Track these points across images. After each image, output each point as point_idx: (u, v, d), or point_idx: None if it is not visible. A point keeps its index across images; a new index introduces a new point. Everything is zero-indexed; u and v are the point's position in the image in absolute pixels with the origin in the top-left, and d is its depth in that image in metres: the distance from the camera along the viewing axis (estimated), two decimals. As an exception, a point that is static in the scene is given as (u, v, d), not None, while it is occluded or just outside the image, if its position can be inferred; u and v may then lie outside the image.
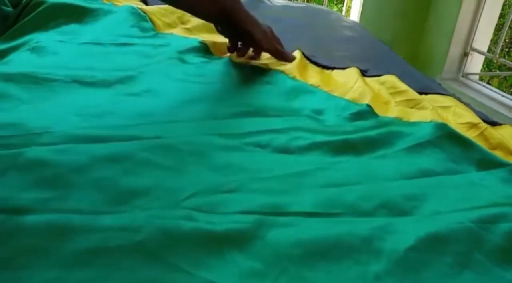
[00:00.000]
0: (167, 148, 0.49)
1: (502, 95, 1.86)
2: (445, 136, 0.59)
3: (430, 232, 0.41)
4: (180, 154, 0.49)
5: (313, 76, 0.80)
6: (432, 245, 0.40)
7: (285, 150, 0.54)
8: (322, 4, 2.10)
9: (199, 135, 0.54)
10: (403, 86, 0.78)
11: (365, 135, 0.59)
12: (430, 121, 0.62)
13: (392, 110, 0.70)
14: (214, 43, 0.89)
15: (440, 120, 0.62)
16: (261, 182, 0.47)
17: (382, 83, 0.81)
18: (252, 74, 0.78)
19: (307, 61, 0.87)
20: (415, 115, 0.66)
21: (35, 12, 0.89)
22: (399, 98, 0.75)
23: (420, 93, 0.78)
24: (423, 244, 0.40)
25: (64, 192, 0.40)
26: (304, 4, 1.49)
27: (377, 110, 0.68)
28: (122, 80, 0.66)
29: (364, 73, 0.85)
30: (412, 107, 0.72)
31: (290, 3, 1.43)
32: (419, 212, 0.45)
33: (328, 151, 0.55)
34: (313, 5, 1.55)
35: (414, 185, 0.50)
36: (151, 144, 0.50)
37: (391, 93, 0.77)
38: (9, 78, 0.61)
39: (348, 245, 0.39)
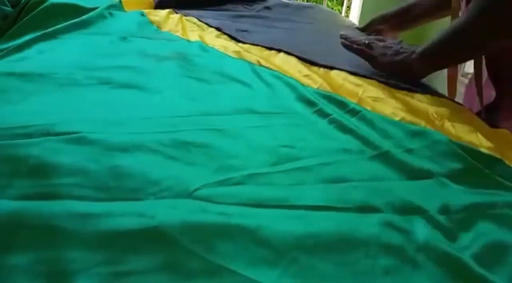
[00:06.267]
0: (174, 140, 0.50)
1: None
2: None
3: (439, 232, 0.43)
4: (187, 146, 0.50)
5: (302, 72, 0.81)
6: (441, 245, 0.41)
7: (288, 145, 0.55)
8: (322, 4, 2.11)
9: (203, 130, 0.55)
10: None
11: (367, 133, 0.60)
12: (430, 129, 0.63)
13: (393, 112, 0.70)
14: (216, 45, 0.89)
15: (439, 131, 0.63)
16: (268, 176, 0.48)
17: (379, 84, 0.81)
18: (253, 74, 0.78)
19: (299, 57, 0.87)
20: (410, 116, 0.67)
21: (34, 11, 0.89)
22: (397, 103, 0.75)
23: (414, 91, 0.78)
24: (432, 243, 0.41)
25: (81, 179, 0.41)
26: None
27: (377, 109, 0.68)
28: (122, 79, 0.67)
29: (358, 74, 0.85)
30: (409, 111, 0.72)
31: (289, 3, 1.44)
32: (427, 211, 0.46)
33: (331, 147, 0.56)
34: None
35: (421, 185, 0.51)
36: (157, 137, 0.51)
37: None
38: (8, 75, 0.61)
39: (357, 238, 0.40)
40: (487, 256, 0.41)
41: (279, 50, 0.90)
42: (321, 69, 0.85)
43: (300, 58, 0.86)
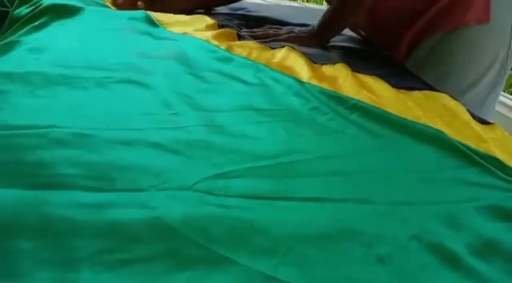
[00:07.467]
0: (175, 136, 0.52)
1: (502, 95, 1.87)
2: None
3: (433, 222, 0.44)
4: (187, 141, 0.51)
5: (304, 70, 0.81)
6: (435, 235, 0.42)
7: (287, 140, 0.57)
8: (322, 4, 2.12)
9: (204, 126, 0.56)
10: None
11: (366, 129, 0.61)
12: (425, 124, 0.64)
13: (394, 108, 0.71)
14: (227, 45, 0.90)
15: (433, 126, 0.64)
16: (266, 169, 0.49)
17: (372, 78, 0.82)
18: (254, 72, 0.78)
19: (299, 55, 0.88)
20: (410, 114, 0.67)
21: (33, 12, 0.89)
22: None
23: (412, 89, 0.79)
24: (425, 234, 0.42)
25: (85, 170, 0.42)
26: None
27: (378, 105, 0.69)
28: (124, 76, 0.67)
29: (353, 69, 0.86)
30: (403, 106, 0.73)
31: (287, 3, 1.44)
32: (422, 202, 0.47)
33: (329, 142, 0.57)
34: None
35: (418, 178, 0.52)
36: (159, 132, 0.52)
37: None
38: (7, 76, 0.62)
39: (352, 228, 0.42)
40: (481, 247, 0.42)
41: (282, 46, 0.91)
42: (323, 66, 0.86)
43: (303, 56, 0.87)
